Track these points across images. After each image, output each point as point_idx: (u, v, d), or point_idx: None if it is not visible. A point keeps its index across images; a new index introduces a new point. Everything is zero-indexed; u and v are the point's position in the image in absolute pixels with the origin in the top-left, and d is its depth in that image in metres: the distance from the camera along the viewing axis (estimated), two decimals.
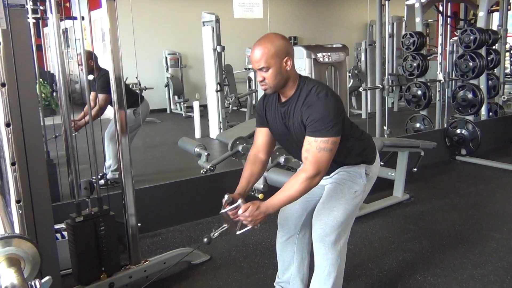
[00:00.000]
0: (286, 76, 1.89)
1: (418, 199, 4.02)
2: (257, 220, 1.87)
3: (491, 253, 2.98)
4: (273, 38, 1.87)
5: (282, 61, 1.86)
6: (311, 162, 1.83)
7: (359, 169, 2.07)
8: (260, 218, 1.87)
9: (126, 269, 2.58)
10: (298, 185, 1.85)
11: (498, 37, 5.95)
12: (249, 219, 1.86)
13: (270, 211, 1.88)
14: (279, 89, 1.93)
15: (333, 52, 3.76)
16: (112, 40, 2.40)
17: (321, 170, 1.85)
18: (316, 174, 1.84)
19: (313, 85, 1.90)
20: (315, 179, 1.86)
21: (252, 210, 1.84)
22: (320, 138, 1.82)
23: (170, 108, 9.83)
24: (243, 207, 1.86)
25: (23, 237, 0.90)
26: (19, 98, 1.99)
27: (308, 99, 1.86)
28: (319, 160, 1.83)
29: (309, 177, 1.84)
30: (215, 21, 6.57)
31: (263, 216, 1.88)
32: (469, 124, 5.26)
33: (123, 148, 2.53)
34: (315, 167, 1.83)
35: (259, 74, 1.89)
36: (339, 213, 2.04)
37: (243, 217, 1.86)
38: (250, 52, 1.89)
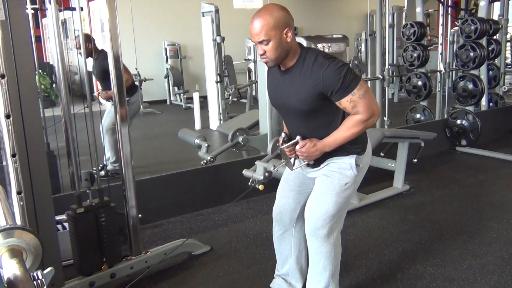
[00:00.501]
0: (287, 48, 1.86)
1: (418, 190, 4.03)
2: (312, 156, 1.96)
3: (490, 243, 2.99)
4: (272, 9, 1.83)
5: (282, 33, 1.83)
6: (364, 109, 1.86)
7: (350, 160, 2.01)
8: (316, 155, 1.96)
9: (127, 260, 2.59)
10: (356, 128, 1.90)
11: (499, 27, 5.92)
12: (305, 154, 1.94)
13: (326, 149, 1.95)
14: (281, 61, 1.91)
15: (334, 42, 3.75)
16: (111, 31, 2.39)
17: (375, 110, 1.89)
18: (371, 115, 1.89)
19: (317, 52, 1.91)
20: (371, 120, 1.90)
21: (309, 147, 1.93)
22: (354, 90, 1.84)
23: (170, 99, 9.82)
24: (301, 143, 1.95)
25: (24, 229, 0.91)
26: (19, 89, 1.98)
27: (318, 61, 1.85)
28: (368, 103, 1.86)
29: (365, 120, 1.89)
30: (214, 12, 6.53)
31: (319, 154, 1.95)
32: (469, 114, 5.26)
33: (123, 139, 2.52)
34: (369, 111, 1.87)
35: (259, 47, 1.86)
36: (330, 206, 2.02)
37: (299, 152, 1.96)
38: (249, 25, 1.85)
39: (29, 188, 2.03)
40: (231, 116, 6.70)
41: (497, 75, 6.33)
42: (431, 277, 2.60)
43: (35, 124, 2.10)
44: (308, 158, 1.98)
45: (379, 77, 5.20)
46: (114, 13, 2.39)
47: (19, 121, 1.98)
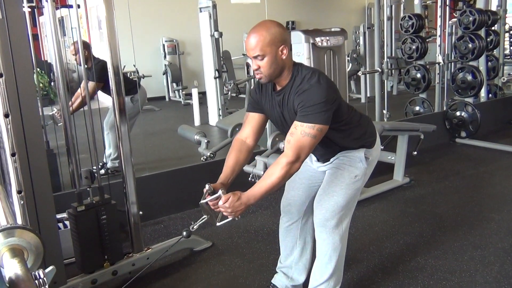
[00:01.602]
0: (281, 65, 1.85)
1: (418, 182, 4.03)
2: (238, 212, 1.80)
3: (491, 234, 3.00)
4: (269, 26, 1.82)
5: (278, 50, 1.82)
6: (293, 146, 1.79)
7: (359, 153, 2.06)
8: (241, 210, 1.81)
9: (129, 257, 2.59)
10: (279, 172, 1.80)
11: (497, 17, 5.90)
12: (229, 210, 1.79)
13: (251, 201, 1.82)
14: (274, 78, 1.89)
15: (332, 36, 3.73)
16: (108, 28, 2.38)
17: (301, 155, 1.80)
18: (296, 160, 1.80)
19: (306, 73, 1.86)
20: (295, 165, 1.81)
21: (233, 201, 1.78)
22: (307, 124, 1.77)
23: (169, 95, 9.79)
24: (223, 198, 1.79)
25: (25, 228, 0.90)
26: (17, 88, 1.98)
27: (301, 86, 1.82)
28: (301, 145, 1.79)
29: (289, 162, 1.79)
30: (212, 7, 6.51)
31: (244, 208, 1.81)
32: (468, 106, 5.25)
33: (123, 136, 2.52)
34: (296, 152, 1.79)
35: (254, 62, 1.85)
36: (340, 197, 2.04)
37: (223, 208, 1.80)
38: (246, 39, 1.85)
39: (30, 187, 2.03)
40: (230, 112, 6.69)
41: (496, 66, 6.32)
42: (432, 269, 2.61)
43: (34, 122, 2.10)
44: (233, 214, 1.81)
45: (378, 70, 5.19)
46: (112, 10, 2.38)
47: (18, 120, 1.98)
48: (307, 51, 3.64)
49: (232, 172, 1.97)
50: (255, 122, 2.05)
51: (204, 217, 1.91)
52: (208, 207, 1.86)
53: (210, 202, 1.83)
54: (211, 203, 1.84)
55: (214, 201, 1.82)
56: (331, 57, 3.77)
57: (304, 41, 3.63)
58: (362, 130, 2.09)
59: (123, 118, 2.51)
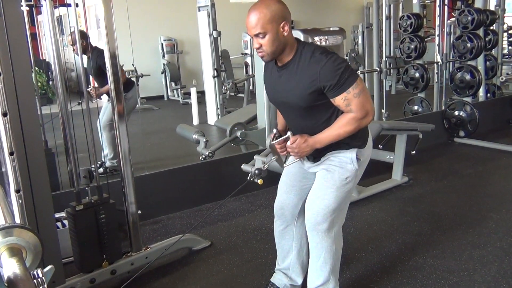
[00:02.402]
0: (283, 41, 1.84)
1: (417, 182, 4.04)
2: (303, 153, 1.92)
3: (490, 233, 3.00)
4: (269, 2, 1.80)
5: (279, 26, 1.81)
6: (358, 108, 1.85)
7: (350, 154, 2.00)
8: (307, 152, 1.92)
9: (128, 256, 2.59)
10: (349, 126, 1.88)
11: (496, 17, 5.91)
12: (296, 150, 1.91)
13: (317, 145, 1.92)
14: (277, 56, 1.88)
15: (330, 35, 3.73)
16: (107, 27, 2.38)
17: (369, 110, 1.88)
18: (365, 115, 1.87)
19: (314, 47, 1.89)
20: (364, 120, 1.89)
21: (300, 142, 1.89)
22: (350, 89, 1.82)
23: (167, 95, 9.80)
24: (291, 138, 1.91)
25: (24, 227, 0.90)
26: (16, 87, 1.97)
27: (315, 57, 1.83)
28: (362, 103, 1.84)
29: (359, 119, 1.87)
30: (210, 6, 6.50)
31: (310, 150, 1.92)
32: (467, 105, 5.26)
33: (121, 135, 2.52)
34: (362, 110, 1.85)
35: (255, 41, 1.84)
36: (331, 201, 2.01)
37: (290, 148, 1.92)
38: (246, 18, 1.82)
39: (28, 186, 2.02)
40: (229, 111, 6.68)
41: (495, 66, 6.33)
42: (431, 268, 2.61)
43: (33, 121, 2.10)
44: (299, 155, 1.94)
45: (377, 70, 5.19)
46: (110, 9, 2.37)
47: (16, 119, 1.97)
48: None
49: (284, 125, 2.17)
50: None
51: (274, 157, 2.05)
52: (276, 149, 2.00)
53: (278, 144, 1.98)
54: (279, 146, 1.98)
55: (282, 143, 1.97)
56: None
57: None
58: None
59: (122, 117, 2.50)
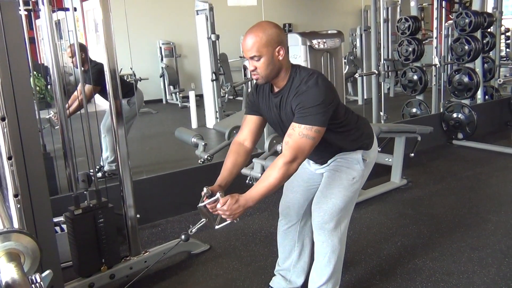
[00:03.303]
0: (278, 65, 1.84)
1: (416, 184, 4.04)
2: (236, 214, 1.79)
3: (488, 236, 3.00)
4: (265, 26, 1.82)
5: (275, 50, 1.81)
6: (291, 147, 1.78)
7: (356, 155, 2.05)
8: (239, 212, 1.79)
9: (126, 260, 2.58)
10: (276, 173, 1.78)
11: (493, 19, 5.93)
12: (228, 213, 1.78)
13: (249, 204, 1.80)
14: (271, 79, 1.88)
15: (328, 38, 3.73)
16: (105, 31, 2.38)
17: (299, 156, 1.79)
18: (293, 160, 1.78)
19: (305, 74, 1.85)
20: (292, 165, 1.79)
21: (231, 204, 1.77)
22: (305, 125, 1.77)
23: (166, 98, 9.78)
24: (221, 200, 1.78)
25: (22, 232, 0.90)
26: (14, 91, 1.97)
27: (299, 88, 1.81)
28: (299, 146, 1.78)
29: (287, 162, 1.78)
30: (209, 10, 6.51)
31: (242, 210, 1.80)
32: (465, 108, 5.27)
33: (120, 139, 2.52)
34: (293, 152, 1.78)
35: (250, 63, 1.85)
36: (338, 200, 2.04)
37: (221, 211, 1.79)
38: (242, 40, 1.84)
39: (26, 191, 2.02)
40: (227, 114, 6.68)
41: (492, 68, 6.34)
42: (430, 271, 2.61)
43: (31, 126, 2.09)
44: (231, 217, 1.80)
45: (375, 72, 5.20)
46: (108, 13, 2.38)
47: (14, 123, 1.97)
48: (304, 54, 3.64)
49: (230, 175, 1.96)
50: (253, 125, 2.04)
51: (203, 220, 1.90)
52: (206, 210, 1.84)
53: (208, 205, 1.82)
54: (209, 206, 1.83)
55: (212, 204, 1.81)
56: (328, 59, 3.78)
57: (301, 44, 3.63)
58: (359, 132, 2.09)
59: (120, 121, 2.50)
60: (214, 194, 1.82)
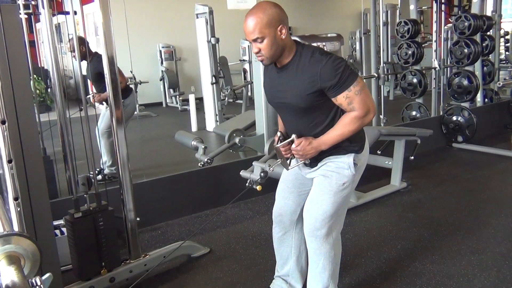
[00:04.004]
0: (282, 45, 1.85)
1: (416, 187, 4.04)
2: (308, 155, 1.93)
3: (488, 239, 3.00)
4: (265, 7, 1.82)
5: (277, 30, 1.82)
6: (360, 106, 1.86)
7: (348, 159, 2.00)
8: (311, 154, 1.93)
9: (126, 263, 2.58)
10: (352, 125, 1.89)
11: (492, 23, 5.94)
12: (301, 152, 1.92)
13: (322, 147, 1.92)
14: (276, 59, 1.90)
15: (328, 41, 3.75)
16: (105, 34, 2.39)
17: (370, 107, 1.88)
18: (367, 112, 1.88)
19: (313, 48, 1.90)
20: (367, 117, 1.89)
21: (305, 145, 1.90)
22: (351, 87, 1.83)
23: (166, 101, 9.80)
24: (296, 141, 1.93)
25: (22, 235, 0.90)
26: (14, 95, 1.97)
27: (314, 58, 1.84)
28: (364, 100, 1.86)
29: (362, 117, 1.88)
30: (208, 13, 6.53)
31: (314, 152, 1.93)
32: (465, 111, 5.27)
33: (120, 142, 2.51)
34: (364, 108, 1.86)
35: (254, 46, 1.85)
36: (328, 206, 2.01)
37: (295, 151, 1.93)
38: (243, 23, 1.84)
39: (26, 194, 2.02)
40: (227, 117, 6.69)
41: (492, 71, 6.35)
42: (430, 274, 2.61)
43: (31, 129, 2.10)
44: (303, 157, 1.95)
45: (374, 75, 5.21)
46: (108, 16, 2.38)
47: (14, 126, 1.97)
48: None
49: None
50: None
51: (279, 160, 2.04)
52: (281, 151, 2.00)
53: (283, 147, 1.98)
54: (283, 148, 1.98)
55: (287, 146, 1.97)
56: None
57: None
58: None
59: (121, 124, 2.50)
60: (287, 137, 2.00)
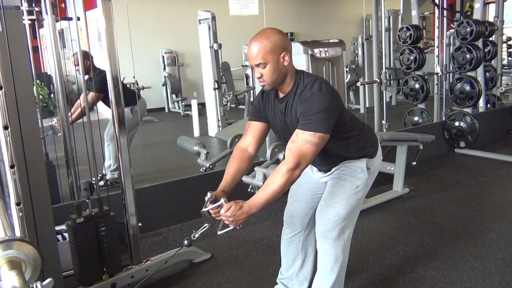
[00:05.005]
0: (284, 71, 1.86)
1: (418, 193, 4.03)
2: (239, 221, 1.78)
3: (491, 244, 2.99)
4: (269, 33, 1.83)
5: (279, 57, 1.83)
6: (293, 153, 1.78)
7: (360, 163, 2.05)
8: (243, 219, 1.78)
9: (128, 269, 2.58)
10: (279, 179, 1.78)
11: (494, 28, 5.95)
12: (231, 219, 1.77)
13: (253, 210, 1.79)
14: (278, 85, 1.90)
15: (330, 47, 3.75)
16: (108, 40, 2.40)
17: (302, 163, 1.79)
18: (296, 167, 1.78)
19: (309, 80, 1.86)
20: (295, 171, 1.79)
21: (234, 210, 1.76)
22: (308, 131, 1.77)
23: (168, 107, 9.82)
24: (225, 206, 1.77)
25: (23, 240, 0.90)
26: (17, 100, 1.98)
27: (303, 94, 1.82)
28: (302, 152, 1.77)
29: (290, 169, 1.77)
30: (211, 19, 6.56)
31: (246, 217, 1.78)
32: (467, 116, 5.26)
33: (122, 147, 2.52)
34: (296, 159, 1.78)
35: (256, 71, 1.86)
36: (341, 208, 2.03)
37: (225, 216, 1.78)
38: (247, 48, 1.86)
39: (28, 199, 2.02)
40: (229, 123, 6.70)
41: (494, 77, 6.35)
42: (432, 280, 2.59)
43: (34, 134, 2.10)
44: (234, 223, 1.79)
45: (377, 81, 5.21)
46: (111, 22, 2.40)
47: (17, 132, 1.98)
48: (305, 62, 3.66)
49: (233, 180, 1.95)
50: (257, 131, 2.04)
51: (206, 226, 1.88)
52: (209, 216, 1.84)
53: (211, 210, 1.82)
54: (212, 212, 1.82)
55: (216, 209, 1.81)
56: (329, 68, 3.79)
57: (302, 52, 3.65)
58: (364, 140, 2.08)
59: (123, 130, 2.51)
60: (218, 200, 1.82)
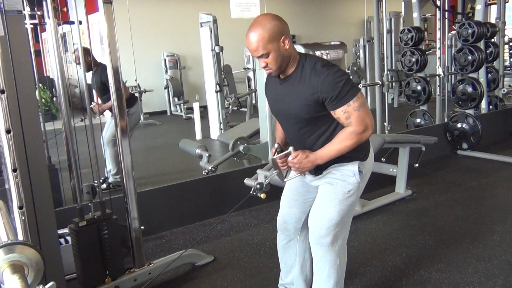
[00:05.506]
0: (287, 55, 1.88)
1: (421, 195, 4.02)
2: (304, 168, 1.93)
3: (494, 246, 2.98)
4: (264, 22, 1.82)
5: (279, 42, 1.84)
6: (357, 122, 1.86)
7: (353, 166, 2.00)
8: (308, 167, 1.93)
9: (131, 272, 2.58)
10: (349, 141, 1.88)
11: (496, 30, 5.94)
12: (297, 165, 1.92)
13: (318, 161, 1.92)
14: (284, 69, 1.92)
15: (332, 49, 3.76)
16: (110, 43, 2.40)
17: (368, 124, 1.88)
18: (365, 129, 1.88)
19: (316, 59, 1.92)
20: (364, 134, 1.89)
21: (301, 158, 1.91)
22: (350, 102, 1.83)
23: (170, 110, 9.83)
24: (293, 154, 1.93)
25: (26, 244, 0.91)
26: (19, 104, 1.99)
27: (316, 69, 1.85)
28: (362, 116, 1.86)
29: (359, 133, 1.88)
30: (212, 22, 6.57)
31: (311, 166, 1.93)
32: (469, 118, 5.25)
33: (124, 151, 2.52)
34: (362, 124, 1.86)
35: (260, 61, 1.88)
36: (334, 214, 2.00)
37: (292, 163, 1.93)
38: (246, 41, 1.86)
39: (31, 203, 2.03)
40: (231, 125, 6.70)
41: (496, 78, 6.34)
42: (436, 282, 2.59)
43: (36, 138, 2.11)
44: (300, 170, 1.96)
45: (378, 83, 5.21)
46: (113, 26, 2.40)
47: (19, 135, 1.99)
48: None
49: (285, 138, 2.16)
50: None
51: (275, 172, 2.04)
52: (277, 163, 2.00)
53: (280, 158, 1.98)
54: (280, 160, 1.99)
55: (283, 158, 1.97)
56: None
57: None
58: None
59: (125, 133, 2.51)
60: (284, 150, 2.01)
